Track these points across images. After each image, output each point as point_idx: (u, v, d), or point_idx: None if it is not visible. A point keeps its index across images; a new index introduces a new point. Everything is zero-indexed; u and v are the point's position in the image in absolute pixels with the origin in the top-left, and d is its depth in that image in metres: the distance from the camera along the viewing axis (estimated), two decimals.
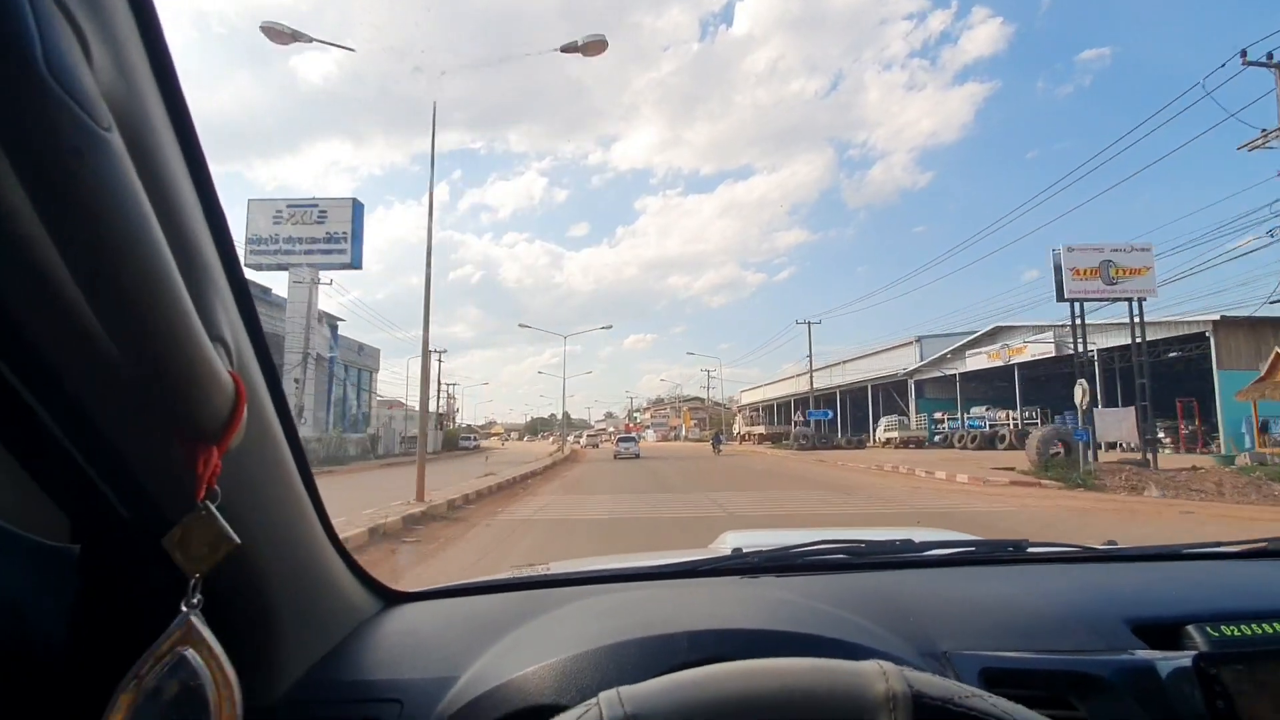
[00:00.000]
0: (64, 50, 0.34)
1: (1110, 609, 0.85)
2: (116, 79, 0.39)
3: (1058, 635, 0.80)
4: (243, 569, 0.60)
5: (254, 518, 0.60)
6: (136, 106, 0.42)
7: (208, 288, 0.50)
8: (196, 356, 0.44)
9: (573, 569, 1.21)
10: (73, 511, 0.58)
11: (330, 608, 0.82)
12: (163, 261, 0.40)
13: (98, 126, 0.35)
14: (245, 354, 0.56)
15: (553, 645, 0.72)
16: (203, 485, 0.48)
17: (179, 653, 0.48)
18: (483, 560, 6.52)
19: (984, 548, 1.19)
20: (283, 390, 0.66)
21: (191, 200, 0.49)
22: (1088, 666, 0.73)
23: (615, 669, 0.66)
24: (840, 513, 9.86)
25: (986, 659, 0.75)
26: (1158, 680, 0.72)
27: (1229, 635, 0.76)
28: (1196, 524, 8.40)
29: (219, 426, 0.48)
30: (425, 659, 0.79)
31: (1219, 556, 1.16)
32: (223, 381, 0.48)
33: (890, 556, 1.15)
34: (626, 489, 14.42)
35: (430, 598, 1.01)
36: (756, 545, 1.18)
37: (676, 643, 0.69)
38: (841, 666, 0.47)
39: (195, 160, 0.49)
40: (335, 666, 0.78)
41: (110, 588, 0.60)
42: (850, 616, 0.80)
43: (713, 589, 1.00)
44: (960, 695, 0.44)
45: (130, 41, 0.42)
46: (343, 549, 0.86)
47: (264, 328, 0.62)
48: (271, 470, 0.66)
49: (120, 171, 0.37)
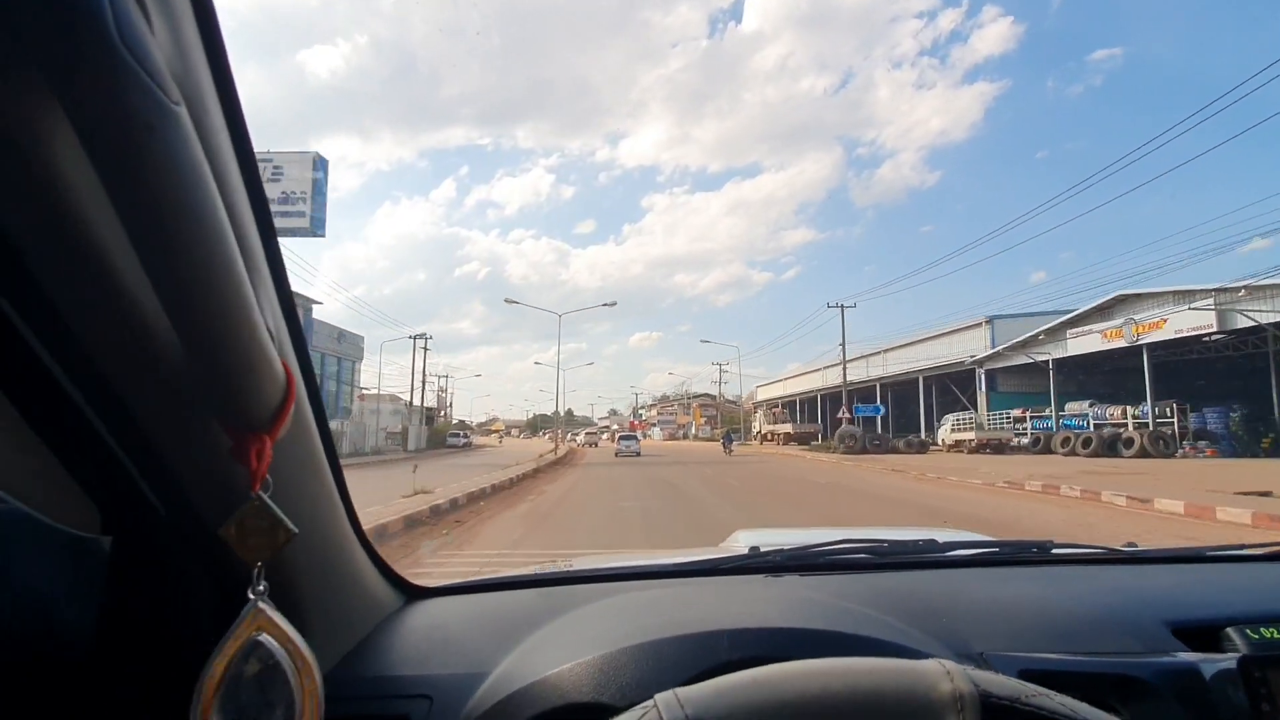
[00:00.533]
0: (134, 21, 0.32)
1: (1148, 611, 0.85)
2: (174, 54, 0.38)
3: (1095, 637, 0.79)
4: (276, 562, 0.58)
5: (292, 509, 0.57)
6: (192, 83, 0.40)
7: (255, 275, 0.48)
8: (253, 345, 0.44)
9: (596, 565, 1.21)
10: (105, 503, 0.56)
11: (357, 602, 0.82)
12: (226, 245, 0.39)
13: (169, 100, 0.34)
14: (285, 341, 0.55)
15: (584, 642, 0.71)
16: (259, 476, 0.48)
17: (254, 638, 0.50)
18: None
19: (1008, 548, 1.19)
20: (316, 382, 0.65)
21: (239, 184, 0.47)
22: (1129, 669, 0.73)
23: (653, 667, 0.65)
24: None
25: (1024, 661, 0.74)
26: (1202, 683, 0.71)
27: (1269, 638, 0.76)
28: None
29: (270, 416, 0.48)
30: (453, 655, 0.78)
31: (1244, 559, 1.17)
32: (276, 370, 0.47)
33: (914, 556, 1.14)
34: (635, 521, 8.56)
35: (453, 593, 0.99)
36: (773, 544, 1.16)
37: (716, 641, 0.68)
38: (905, 666, 0.46)
39: (242, 142, 0.47)
40: (362, 662, 0.77)
41: (141, 580, 0.59)
42: (881, 616, 0.80)
43: (738, 588, 1.00)
44: (1027, 694, 0.44)
45: (185, 17, 0.40)
46: (368, 542, 0.84)
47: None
48: (307, 462, 0.65)
49: (189, 148, 0.36)
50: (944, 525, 5.05)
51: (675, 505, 10.22)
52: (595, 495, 12.40)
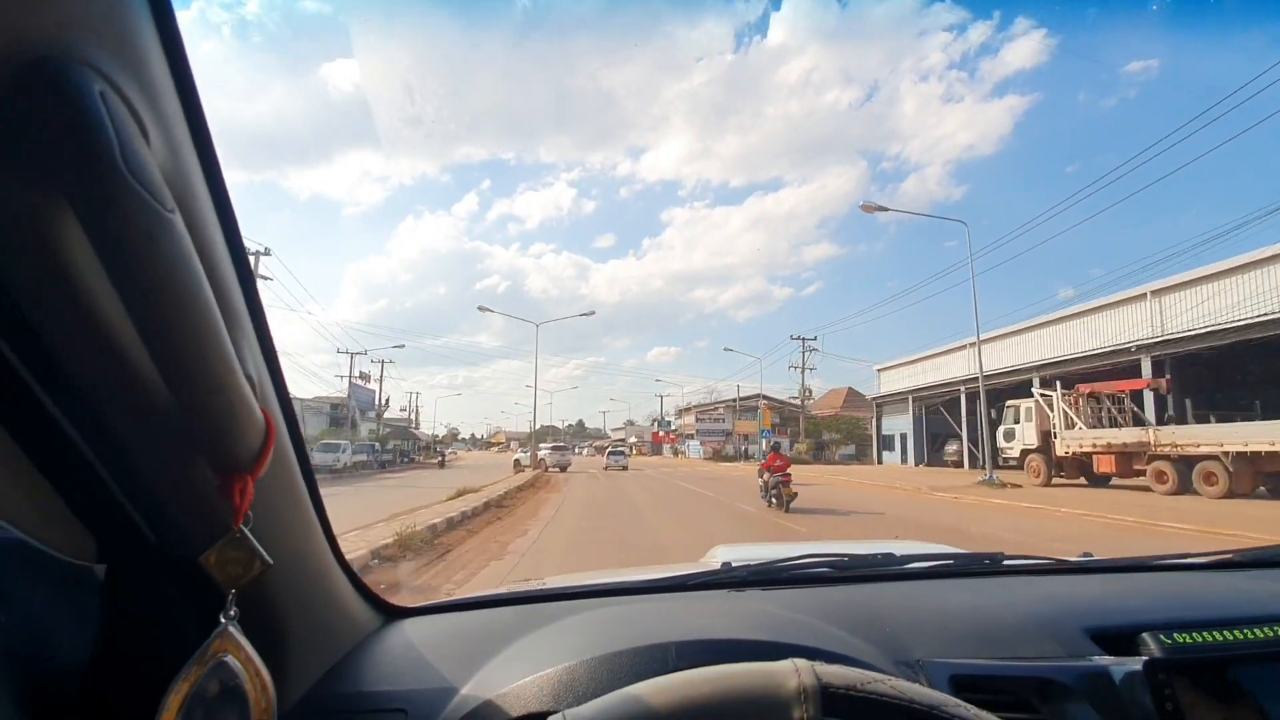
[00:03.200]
0: (135, 146, 0.39)
1: (1070, 618, 0.88)
2: (169, 161, 0.45)
3: (1023, 644, 0.83)
4: (258, 587, 0.62)
5: (274, 539, 0.63)
6: (185, 184, 0.48)
7: (239, 332, 0.55)
8: (236, 397, 0.50)
9: (568, 583, 1.21)
10: (101, 533, 0.60)
11: (336, 623, 0.84)
12: (212, 318, 0.46)
13: (164, 209, 0.40)
14: (268, 389, 0.61)
15: (549, 656, 0.74)
16: (240, 513, 0.54)
17: (220, 658, 0.54)
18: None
19: (961, 560, 1.23)
20: (297, 421, 0.69)
21: (225, 256, 0.54)
22: (1048, 673, 0.77)
23: (607, 678, 0.68)
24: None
25: (956, 666, 0.78)
26: (1112, 685, 0.75)
27: (1181, 643, 0.79)
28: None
29: (252, 457, 0.53)
30: (428, 671, 0.80)
31: (1188, 568, 1.20)
32: (256, 417, 0.53)
33: (871, 569, 1.16)
34: None
35: (431, 612, 1.01)
36: (745, 559, 1.21)
37: (664, 653, 0.72)
38: (762, 668, 0.50)
39: (229, 222, 0.54)
40: (341, 679, 0.79)
41: (133, 606, 0.62)
42: (829, 627, 0.83)
43: (701, 602, 1.02)
44: (863, 682, 0.48)
45: (178, 125, 0.47)
46: (348, 567, 0.87)
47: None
48: (288, 495, 0.69)
49: (183, 247, 0.42)
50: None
51: None
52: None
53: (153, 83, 0.44)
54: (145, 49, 0.43)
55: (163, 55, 0.45)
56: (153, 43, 0.44)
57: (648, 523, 10.46)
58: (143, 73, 0.42)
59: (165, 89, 0.45)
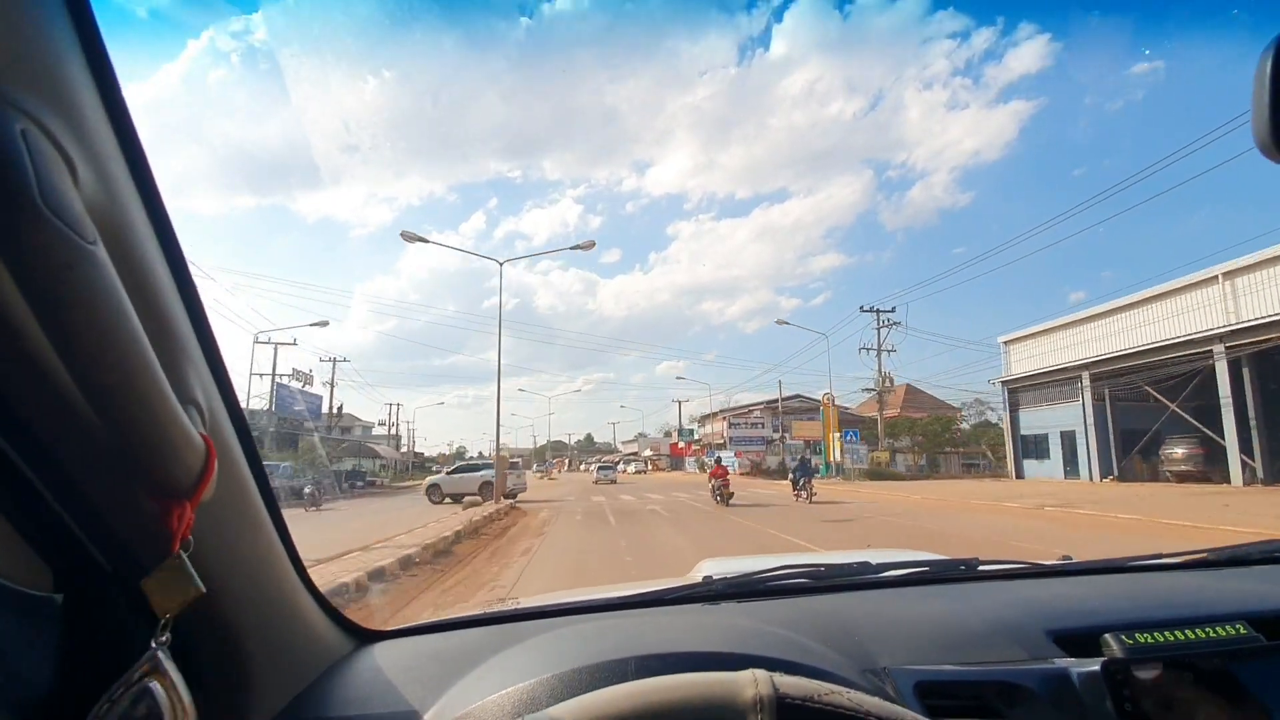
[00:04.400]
0: (54, 178, 0.39)
1: (1035, 621, 0.88)
2: (100, 193, 0.46)
3: (987, 649, 0.83)
4: (215, 612, 0.63)
5: (226, 564, 0.63)
6: (119, 213, 0.48)
7: (181, 358, 0.55)
8: (169, 423, 0.49)
9: (543, 602, 1.21)
10: (56, 562, 0.59)
11: (303, 648, 0.83)
12: (139, 345, 0.46)
13: (84, 241, 0.40)
14: (218, 414, 0.61)
15: (515, 675, 0.73)
16: (177, 538, 0.53)
17: (145, 684, 0.53)
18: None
19: (936, 567, 1.22)
20: (254, 445, 0.70)
21: (168, 283, 0.55)
22: (1010, 676, 0.77)
23: (568, 694, 0.66)
24: None
25: (921, 673, 0.77)
26: (1072, 687, 0.75)
27: (1142, 643, 0.79)
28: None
29: (191, 484, 0.53)
30: (396, 695, 0.80)
31: (1161, 568, 1.20)
32: (194, 443, 0.52)
33: (848, 579, 1.15)
34: None
35: (403, 635, 1.00)
36: (727, 573, 1.20)
37: (624, 668, 0.71)
38: (720, 678, 0.51)
39: (170, 246, 0.55)
40: (307, 705, 0.78)
41: (91, 634, 0.62)
42: (798, 638, 0.82)
43: (675, 616, 1.01)
44: (820, 693, 0.49)
45: (113, 158, 0.48)
46: (316, 591, 0.86)
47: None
48: (243, 519, 0.69)
49: (104, 278, 0.42)
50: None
51: None
52: None
53: (82, 120, 0.44)
54: (74, 87, 0.44)
55: (95, 92, 0.46)
56: (84, 80, 0.45)
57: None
58: (72, 110, 0.43)
59: (97, 125, 0.46)
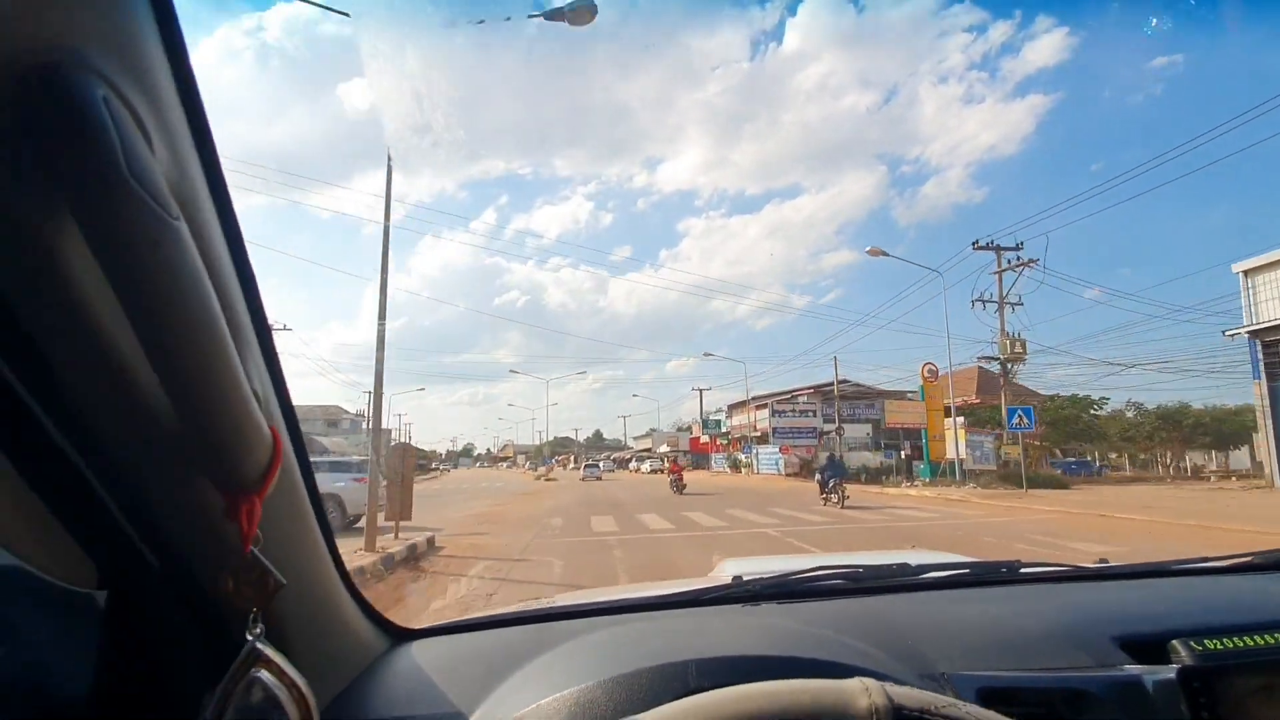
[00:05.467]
0: (139, 151, 0.38)
1: (1098, 626, 0.86)
2: (173, 169, 0.44)
3: (1049, 654, 0.81)
4: (265, 612, 0.61)
5: (280, 561, 0.62)
6: (189, 191, 0.46)
7: (244, 345, 0.53)
8: (242, 414, 0.48)
9: (579, 601, 1.19)
10: (101, 558, 0.58)
11: (343, 647, 0.82)
12: (219, 332, 0.45)
13: (169, 217, 0.39)
14: (273, 406, 0.60)
15: (564, 678, 0.72)
16: (249, 534, 0.51)
17: (253, 675, 0.52)
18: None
19: (978, 569, 1.22)
20: (302, 436, 0.68)
21: (230, 266, 0.53)
22: (1078, 683, 0.75)
23: (625, 699, 0.65)
24: None
25: (983, 679, 0.76)
26: (1144, 694, 0.74)
27: (1212, 649, 0.77)
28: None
29: (259, 476, 0.51)
30: (437, 696, 0.79)
31: (1206, 572, 1.18)
32: (264, 435, 0.51)
33: (887, 581, 1.13)
34: None
35: (439, 634, 1.00)
36: (755, 572, 1.19)
37: (684, 671, 0.69)
38: (829, 685, 0.49)
39: (232, 231, 0.53)
40: (350, 705, 0.77)
41: (136, 634, 0.60)
42: (851, 641, 0.81)
43: (717, 618, 1.01)
44: (936, 705, 0.48)
45: (182, 133, 0.46)
46: (355, 589, 0.85)
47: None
48: (295, 515, 0.68)
49: (188, 255, 0.41)
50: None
51: None
52: None
53: (156, 88, 0.42)
54: (149, 53, 0.42)
55: (166, 61, 0.44)
56: (156, 48, 0.43)
57: None
58: (146, 78, 0.41)
59: (169, 95, 0.44)
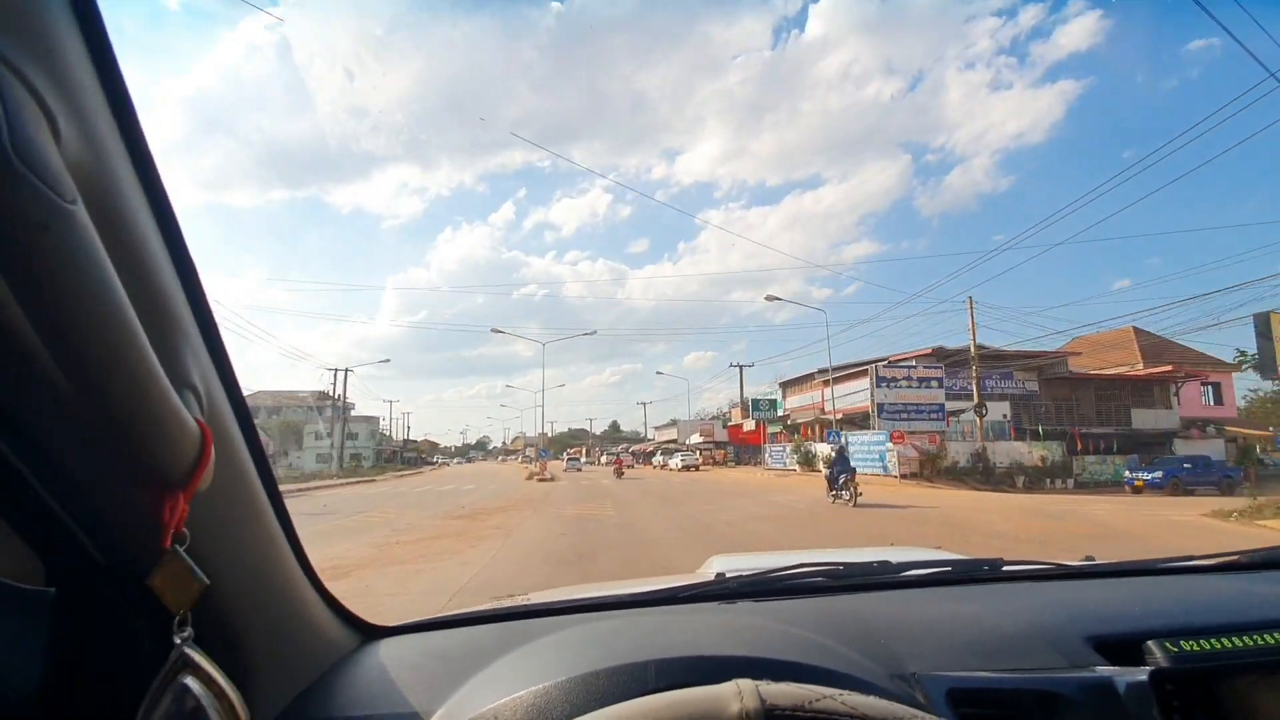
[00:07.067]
0: (31, 130, 0.36)
1: (1072, 626, 0.85)
2: (85, 152, 0.42)
3: (1023, 654, 0.80)
4: (215, 606, 0.61)
5: (226, 557, 0.61)
6: (105, 175, 0.45)
7: (178, 338, 0.52)
8: (161, 407, 0.46)
9: (553, 598, 1.18)
10: (48, 556, 0.57)
11: (307, 644, 0.80)
12: (126, 321, 0.42)
13: (62, 200, 0.37)
14: (217, 399, 0.58)
15: (528, 677, 0.70)
16: (169, 531, 0.50)
17: (181, 682, 0.51)
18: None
19: (959, 567, 1.19)
20: (256, 432, 0.66)
21: (162, 257, 0.51)
22: (1049, 684, 0.74)
23: (582, 700, 0.64)
24: None
25: (953, 679, 0.74)
26: (1116, 697, 0.72)
27: (1188, 650, 0.76)
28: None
29: (185, 473, 0.49)
30: (402, 694, 0.77)
31: (1191, 570, 1.17)
32: (189, 429, 0.49)
33: (867, 579, 1.12)
34: None
35: (409, 631, 0.98)
36: (740, 570, 1.18)
37: (644, 672, 0.68)
38: (701, 694, 0.49)
39: (166, 219, 0.52)
40: (312, 704, 0.75)
41: (84, 631, 0.59)
42: (822, 640, 0.79)
43: (690, 616, 0.98)
44: (811, 699, 0.48)
45: (100, 116, 0.45)
46: (320, 585, 0.84)
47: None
48: (243, 511, 0.66)
49: (84, 241, 0.39)
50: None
51: None
52: None
53: (67, 73, 0.41)
54: (59, 39, 0.41)
55: (83, 46, 0.44)
56: (70, 33, 0.43)
57: None
58: (55, 62, 0.40)
59: (84, 80, 0.43)
